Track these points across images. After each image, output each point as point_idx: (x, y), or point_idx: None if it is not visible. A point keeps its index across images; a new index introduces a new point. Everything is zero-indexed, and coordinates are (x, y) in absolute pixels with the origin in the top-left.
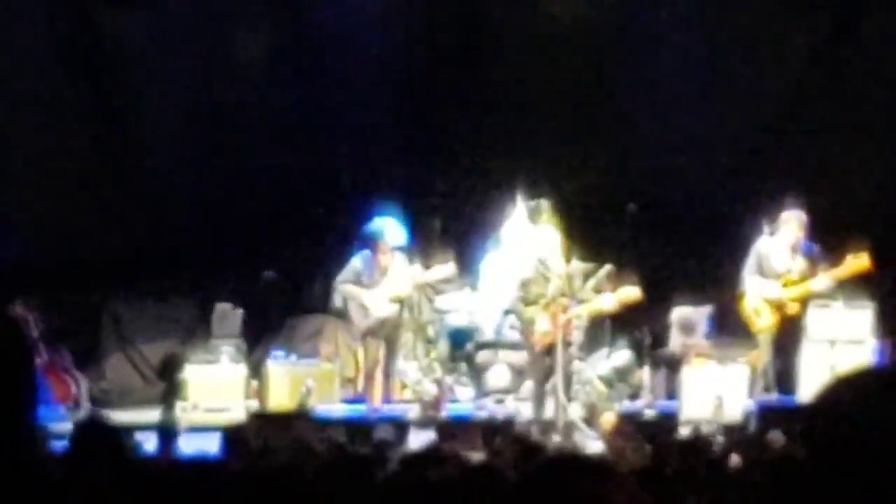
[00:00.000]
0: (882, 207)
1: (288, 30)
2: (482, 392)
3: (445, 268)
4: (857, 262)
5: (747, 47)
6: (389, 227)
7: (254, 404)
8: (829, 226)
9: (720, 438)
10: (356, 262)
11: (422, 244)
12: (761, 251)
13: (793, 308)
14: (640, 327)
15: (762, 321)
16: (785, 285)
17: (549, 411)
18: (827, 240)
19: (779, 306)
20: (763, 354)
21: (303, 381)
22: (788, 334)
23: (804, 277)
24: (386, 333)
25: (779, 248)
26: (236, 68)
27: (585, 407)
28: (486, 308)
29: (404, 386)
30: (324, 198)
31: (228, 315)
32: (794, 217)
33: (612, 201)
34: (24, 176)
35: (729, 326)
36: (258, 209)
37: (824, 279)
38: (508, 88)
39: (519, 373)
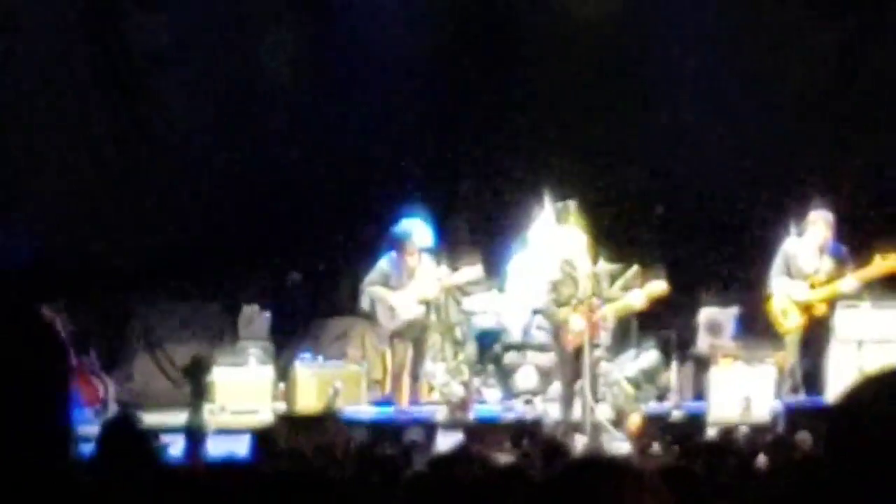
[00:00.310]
0: None
1: (313, 32)
2: (510, 393)
3: (473, 270)
4: (886, 262)
5: (774, 48)
6: (416, 229)
7: (281, 406)
8: (857, 226)
9: (747, 437)
10: (383, 263)
11: (449, 246)
12: (789, 252)
13: (820, 309)
14: (667, 328)
15: (789, 322)
16: (812, 286)
17: (576, 412)
18: (855, 240)
19: (806, 307)
20: (790, 355)
21: (330, 383)
22: (816, 335)
23: (832, 278)
24: (413, 335)
25: (806, 248)
26: (262, 70)
27: (612, 408)
28: (513, 309)
29: (432, 388)
30: (349, 198)
31: (255, 317)
32: (822, 217)
33: (640, 202)
34: (47, 178)
35: (756, 327)
36: (285, 210)
37: (852, 280)
38: (535, 89)
39: (546, 374)
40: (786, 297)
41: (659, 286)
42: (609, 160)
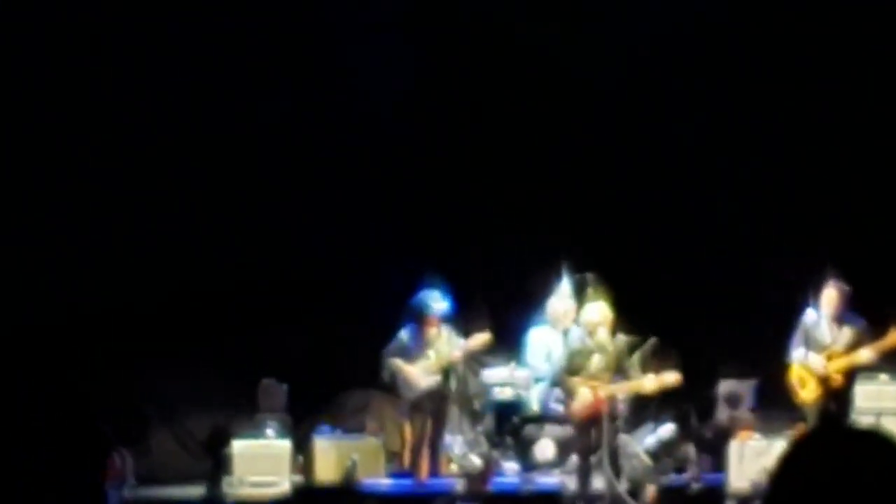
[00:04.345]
0: None
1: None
2: (528, 466)
3: (481, 336)
4: None
5: (778, 116)
6: (435, 300)
7: (300, 479)
8: (873, 297)
9: None
10: (403, 335)
11: (466, 317)
12: (808, 323)
13: (837, 381)
14: (685, 400)
15: (806, 393)
16: (829, 358)
17: (596, 485)
18: (872, 311)
19: (823, 379)
20: (809, 427)
21: (348, 455)
22: (834, 407)
23: (849, 350)
24: (432, 407)
25: (823, 320)
26: (256, 133)
27: (630, 480)
28: (531, 381)
29: (450, 460)
30: (366, 268)
31: (273, 389)
32: (834, 288)
33: (660, 273)
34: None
35: (775, 399)
36: (304, 282)
37: (869, 352)
38: (555, 158)
39: (565, 446)
40: (803, 369)
41: (673, 377)
42: (629, 232)
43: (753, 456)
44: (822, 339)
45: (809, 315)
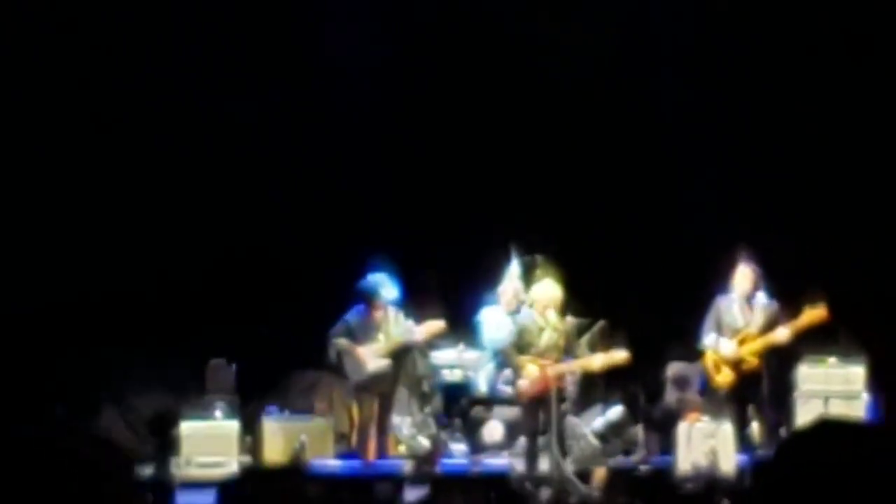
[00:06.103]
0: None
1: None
2: (476, 448)
3: (436, 324)
4: (815, 312)
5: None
6: (383, 283)
7: (247, 459)
8: (786, 277)
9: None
10: (350, 317)
11: (416, 300)
12: (719, 308)
13: (751, 363)
14: (634, 383)
15: (721, 378)
16: (742, 341)
17: (544, 466)
18: (785, 291)
19: (736, 363)
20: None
21: (297, 436)
22: (750, 390)
23: (763, 331)
24: (380, 389)
25: (735, 303)
26: (225, 120)
27: (578, 462)
28: (480, 363)
29: (398, 441)
30: (315, 250)
31: (222, 370)
32: (746, 271)
33: (609, 255)
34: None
35: None
36: (252, 263)
37: (785, 331)
38: (508, 140)
39: (513, 428)
40: (715, 354)
41: (620, 355)
42: (578, 214)
43: (701, 438)
44: (733, 323)
45: (720, 300)
